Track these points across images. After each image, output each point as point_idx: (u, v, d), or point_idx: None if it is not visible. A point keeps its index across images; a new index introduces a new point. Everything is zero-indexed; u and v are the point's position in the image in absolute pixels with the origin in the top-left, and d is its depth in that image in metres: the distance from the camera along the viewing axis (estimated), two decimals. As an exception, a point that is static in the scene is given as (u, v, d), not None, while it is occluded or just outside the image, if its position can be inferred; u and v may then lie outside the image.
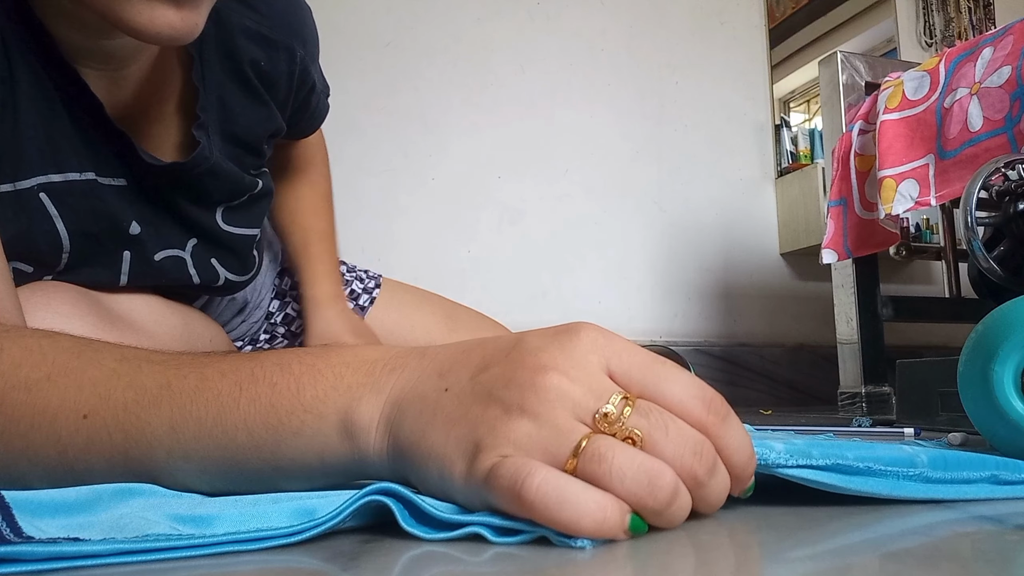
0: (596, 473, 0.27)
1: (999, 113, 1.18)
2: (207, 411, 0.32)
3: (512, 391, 0.28)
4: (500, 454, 0.27)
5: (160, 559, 0.25)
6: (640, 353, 0.30)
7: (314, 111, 0.84)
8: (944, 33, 2.51)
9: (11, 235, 0.53)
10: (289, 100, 0.76)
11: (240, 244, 0.75)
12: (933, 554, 0.25)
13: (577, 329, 0.30)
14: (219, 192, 0.70)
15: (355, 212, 1.82)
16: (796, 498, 0.35)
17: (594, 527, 0.26)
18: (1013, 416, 0.41)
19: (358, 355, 0.33)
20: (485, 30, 2.08)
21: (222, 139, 0.69)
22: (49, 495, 0.30)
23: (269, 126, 0.74)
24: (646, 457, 0.27)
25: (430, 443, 0.29)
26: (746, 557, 0.27)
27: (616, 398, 0.28)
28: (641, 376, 0.29)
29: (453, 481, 0.29)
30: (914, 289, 2.31)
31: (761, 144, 2.29)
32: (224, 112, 0.68)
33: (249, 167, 0.73)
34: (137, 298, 0.67)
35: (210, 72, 0.66)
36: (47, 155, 0.56)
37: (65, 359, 0.35)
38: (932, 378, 0.91)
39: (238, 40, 0.67)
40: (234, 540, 0.26)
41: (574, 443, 0.27)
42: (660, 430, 0.28)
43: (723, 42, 2.32)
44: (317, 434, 0.31)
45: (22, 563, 0.23)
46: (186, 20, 0.48)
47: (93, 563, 0.24)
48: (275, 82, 0.72)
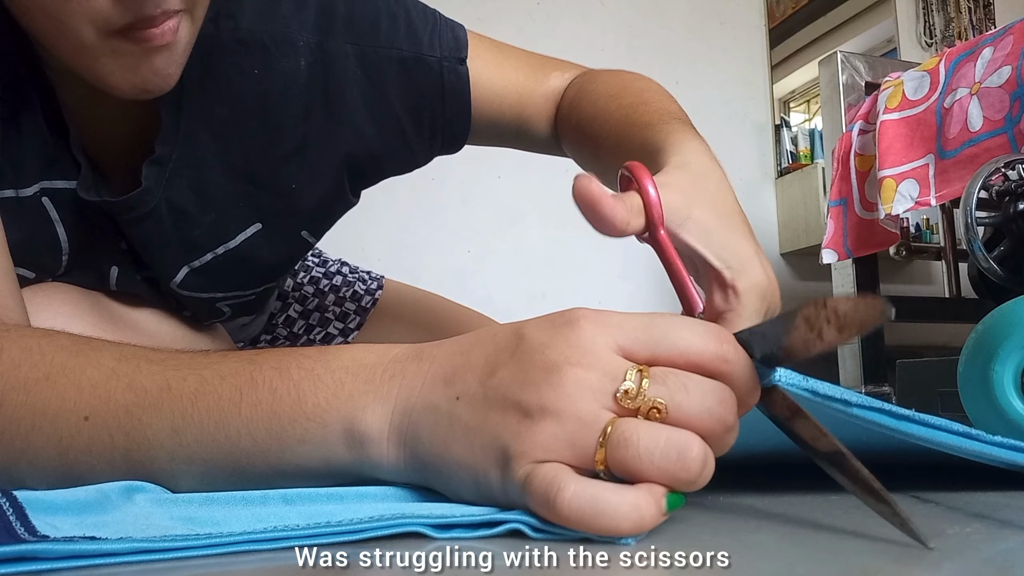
0: (625, 458, 0.27)
1: (999, 113, 1.18)
2: (208, 416, 0.32)
3: (529, 393, 0.28)
4: (530, 460, 0.27)
5: (160, 559, 0.25)
6: (636, 318, 0.30)
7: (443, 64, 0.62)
8: (944, 33, 2.51)
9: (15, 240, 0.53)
10: (324, 99, 0.59)
11: (206, 307, 0.65)
12: (934, 554, 0.26)
13: (575, 317, 0.30)
14: (167, 245, 0.59)
15: (355, 212, 1.82)
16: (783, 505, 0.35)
17: (632, 527, 0.26)
18: (1013, 416, 0.41)
19: (356, 359, 0.33)
20: (485, 30, 2.07)
21: (226, 177, 0.58)
22: (60, 494, 0.30)
23: (286, 146, 0.59)
24: (671, 431, 0.27)
25: (456, 456, 0.29)
26: (749, 556, 0.27)
27: (632, 373, 0.28)
28: (647, 339, 0.29)
29: (491, 489, 0.29)
30: (914, 289, 2.31)
31: (761, 144, 2.29)
32: (217, 143, 0.57)
33: (263, 208, 0.61)
34: (137, 299, 0.67)
35: (188, 100, 0.55)
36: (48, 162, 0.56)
37: (64, 358, 0.35)
38: (932, 378, 0.91)
39: (222, 57, 0.56)
40: (250, 540, 0.26)
41: (599, 432, 0.27)
42: (681, 391, 0.28)
43: (723, 42, 2.32)
44: (322, 442, 0.31)
45: (39, 561, 0.23)
46: (159, 73, 0.47)
47: (108, 561, 0.24)
48: (283, 90, 0.58)
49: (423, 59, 0.62)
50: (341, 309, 0.93)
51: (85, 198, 0.54)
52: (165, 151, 0.56)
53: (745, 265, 0.42)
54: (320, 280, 0.93)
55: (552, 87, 0.69)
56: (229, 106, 0.57)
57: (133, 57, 0.46)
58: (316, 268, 0.95)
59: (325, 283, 0.93)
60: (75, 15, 0.43)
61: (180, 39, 0.47)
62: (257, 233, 0.62)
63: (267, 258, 0.64)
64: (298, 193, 0.62)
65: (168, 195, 0.57)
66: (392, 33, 0.61)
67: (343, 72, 0.60)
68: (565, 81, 0.69)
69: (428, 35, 0.63)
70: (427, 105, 0.64)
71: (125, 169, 0.58)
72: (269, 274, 0.68)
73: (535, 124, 0.69)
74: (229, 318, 0.71)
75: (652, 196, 0.40)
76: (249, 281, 0.67)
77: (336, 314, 0.93)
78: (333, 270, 0.95)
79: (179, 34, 0.46)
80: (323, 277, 0.94)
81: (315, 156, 0.61)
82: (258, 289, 0.68)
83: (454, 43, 0.64)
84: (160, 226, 0.58)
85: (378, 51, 0.61)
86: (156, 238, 0.59)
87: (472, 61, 0.65)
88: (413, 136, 0.65)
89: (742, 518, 0.32)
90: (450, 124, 0.66)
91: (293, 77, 0.58)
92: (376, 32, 0.61)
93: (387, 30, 0.61)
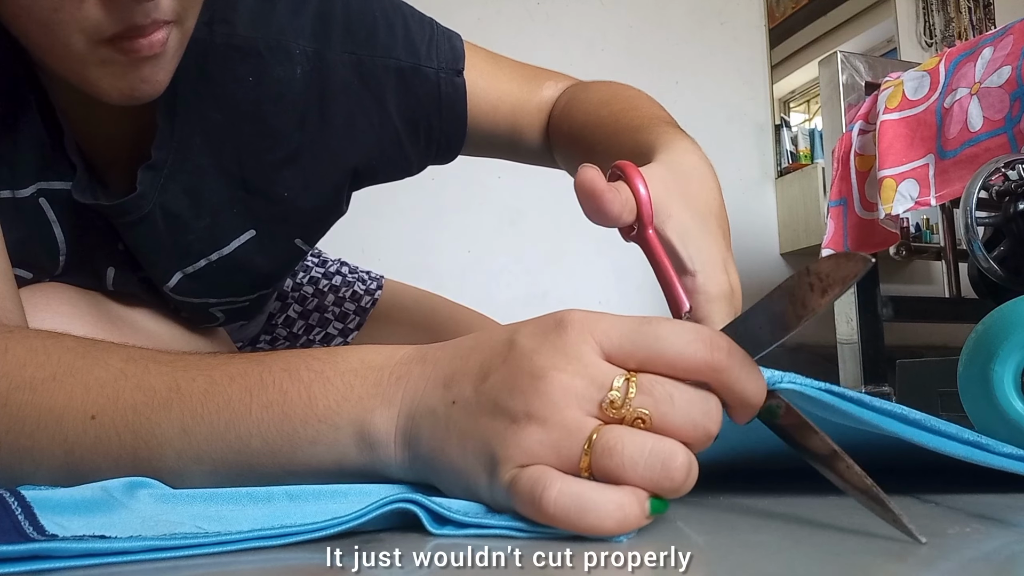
0: (609, 467, 0.27)
1: (999, 113, 1.18)
2: (219, 416, 0.33)
3: (516, 399, 0.28)
4: (515, 464, 0.28)
5: (170, 557, 0.25)
6: (625, 323, 0.29)
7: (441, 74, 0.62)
8: (944, 33, 2.51)
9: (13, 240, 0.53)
10: (319, 107, 0.59)
11: (199, 312, 0.65)
12: (933, 554, 0.26)
13: (564, 322, 0.30)
14: (161, 249, 0.59)
15: (355, 212, 1.82)
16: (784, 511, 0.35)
17: (616, 526, 0.27)
18: (1013, 416, 0.41)
19: (364, 361, 0.33)
20: (485, 30, 2.08)
21: (220, 182, 0.58)
22: (67, 494, 0.30)
23: (280, 152, 0.59)
24: (656, 440, 0.27)
25: (450, 459, 0.30)
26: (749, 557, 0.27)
27: (619, 381, 0.28)
28: (634, 345, 0.29)
29: (479, 493, 0.29)
30: (914, 289, 2.31)
31: (761, 144, 2.29)
32: (211, 148, 0.57)
33: (257, 215, 0.60)
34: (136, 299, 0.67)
35: (183, 105, 0.55)
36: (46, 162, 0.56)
37: (70, 359, 0.36)
38: (932, 378, 0.91)
39: (217, 62, 0.55)
40: (260, 536, 0.26)
41: (584, 439, 0.27)
42: (666, 402, 0.28)
43: (723, 42, 2.32)
44: (334, 444, 0.32)
45: (50, 560, 0.24)
46: (148, 80, 0.47)
47: (118, 560, 0.24)
48: (277, 97, 0.57)
49: (420, 69, 0.62)
50: (341, 309, 0.93)
51: (80, 200, 0.54)
52: (160, 156, 0.55)
53: (713, 268, 0.42)
54: (319, 280, 0.93)
55: (545, 97, 0.69)
56: (223, 112, 0.57)
57: (121, 66, 0.46)
58: (315, 268, 0.95)
59: (324, 283, 0.93)
60: (65, 24, 0.43)
61: (169, 48, 0.47)
62: (251, 240, 0.62)
63: (261, 265, 0.64)
64: (292, 200, 0.62)
65: (163, 200, 0.57)
66: (390, 42, 0.61)
67: (339, 80, 0.59)
68: (557, 91, 0.69)
69: (426, 45, 0.63)
70: (423, 116, 0.64)
71: (121, 171, 0.58)
72: (263, 282, 0.68)
73: (528, 134, 0.69)
74: (223, 323, 0.71)
75: (642, 194, 0.40)
76: (243, 288, 0.66)
77: (336, 314, 0.93)
78: (332, 270, 0.95)
79: (168, 44, 0.46)
80: (322, 277, 0.94)
81: (310, 163, 0.61)
82: (252, 296, 0.68)
83: (451, 54, 0.64)
84: (154, 230, 0.58)
85: (375, 60, 0.60)
86: (150, 242, 0.59)
87: (468, 72, 0.65)
88: (409, 145, 0.65)
89: (742, 518, 0.32)
90: (446, 135, 0.66)
91: (288, 84, 0.58)
92: (373, 41, 0.60)
93: (384, 39, 0.61)
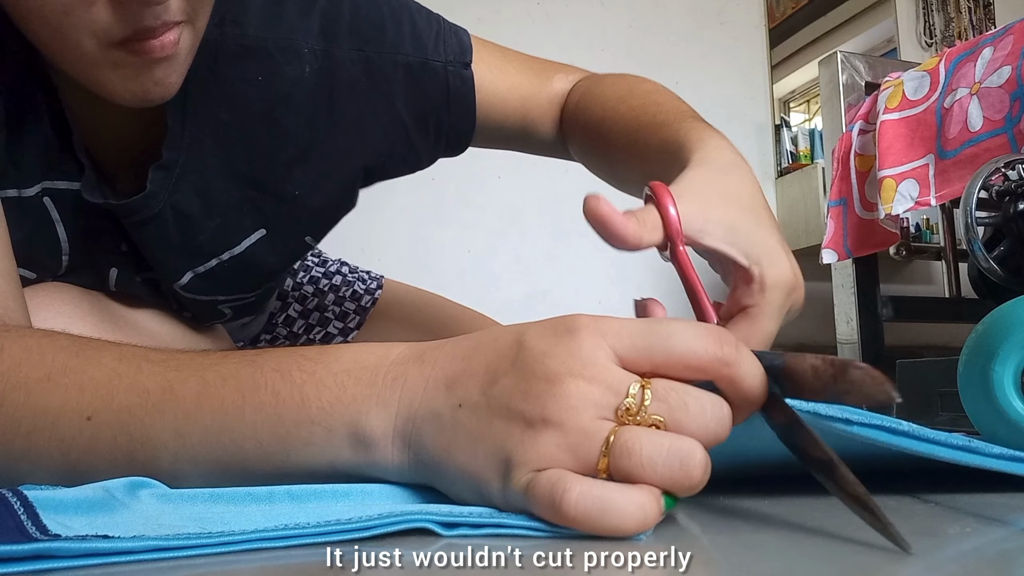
0: (628, 467, 0.27)
1: (999, 113, 1.18)
2: (212, 418, 0.32)
3: (532, 403, 0.28)
4: (532, 468, 0.28)
5: (173, 557, 0.25)
6: (635, 325, 0.30)
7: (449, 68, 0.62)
8: (944, 33, 2.51)
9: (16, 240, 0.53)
10: (328, 106, 0.59)
11: (207, 309, 0.65)
12: (933, 554, 0.26)
13: (575, 326, 0.30)
14: (171, 249, 0.59)
15: (355, 212, 1.82)
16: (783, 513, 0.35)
17: (638, 526, 0.27)
18: (1013, 416, 0.41)
19: (357, 360, 0.33)
20: (485, 30, 2.06)
21: (231, 182, 0.59)
22: (70, 494, 0.30)
23: (290, 151, 0.59)
24: (674, 438, 0.28)
25: (458, 462, 0.30)
26: (751, 557, 0.27)
27: (634, 387, 0.28)
28: (646, 347, 0.29)
29: (491, 496, 0.29)
30: (914, 289, 2.31)
31: (761, 144, 2.29)
32: (222, 149, 0.57)
33: (268, 214, 0.61)
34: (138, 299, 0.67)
35: (193, 105, 0.55)
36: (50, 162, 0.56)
37: (64, 358, 0.35)
38: (932, 378, 0.91)
39: (227, 63, 0.56)
40: (261, 538, 0.26)
41: (602, 442, 0.28)
42: (680, 409, 0.28)
43: (723, 42, 2.32)
44: (328, 445, 0.32)
45: (53, 559, 0.24)
46: (160, 83, 0.47)
47: (121, 560, 0.24)
48: (287, 96, 0.58)
49: (428, 64, 0.62)
50: (341, 309, 0.93)
51: (89, 200, 0.54)
52: (171, 156, 0.56)
53: (772, 258, 0.42)
54: (320, 280, 0.94)
55: (556, 90, 0.69)
56: (233, 112, 0.57)
57: (133, 68, 0.46)
58: (316, 268, 0.95)
59: (325, 283, 0.93)
60: (75, 27, 0.43)
61: (181, 49, 0.47)
62: (261, 239, 0.62)
63: (271, 263, 0.65)
64: (302, 199, 0.62)
65: (174, 200, 0.57)
66: (397, 38, 0.61)
67: (348, 78, 0.60)
68: (569, 84, 0.69)
69: (433, 40, 0.63)
70: (432, 110, 0.64)
71: (129, 171, 0.58)
72: (270, 277, 0.68)
73: (539, 127, 0.69)
74: (230, 319, 0.71)
75: (672, 215, 0.41)
76: (251, 284, 0.67)
77: (336, 314, 0.93)
78: (333, 270, 0.95)
79: (180, 45, 0.46)
80: (323, 277, 0.94)
81: (320, 162, 0.61)
82: (259, 290, 0.68)
83: (458, 47, 0.64)
84: (165, 230, 0.58)
85: (383, 57, 0.61)
86: (160, 242, 0.59)
87: (476, 65, 0.65)
88: (418, 140, 0.65)
89: (742, 518, 0.32)
90: (455, 128, 0.66)
91: (298, 83, 0.58)
92: (381, 38, 0.61)
93: (392, 36, 0.61)
